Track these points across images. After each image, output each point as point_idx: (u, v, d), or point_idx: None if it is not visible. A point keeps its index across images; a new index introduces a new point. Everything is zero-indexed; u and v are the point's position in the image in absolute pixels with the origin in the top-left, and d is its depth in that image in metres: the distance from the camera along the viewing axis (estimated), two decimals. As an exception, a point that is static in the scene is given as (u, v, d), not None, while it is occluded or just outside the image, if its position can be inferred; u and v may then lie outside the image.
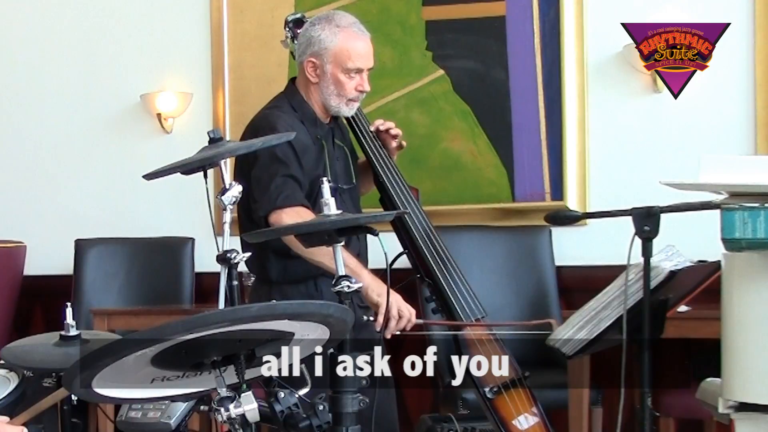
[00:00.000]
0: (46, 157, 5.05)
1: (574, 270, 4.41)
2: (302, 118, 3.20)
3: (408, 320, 3.04)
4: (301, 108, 3.22)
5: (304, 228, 2.50)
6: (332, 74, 3.18)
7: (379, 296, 3.00)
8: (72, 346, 2.70)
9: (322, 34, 3.17)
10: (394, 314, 3.01)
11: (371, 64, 3.24)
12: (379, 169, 3.29)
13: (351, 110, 3.26)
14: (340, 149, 3.30)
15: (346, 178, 3.28)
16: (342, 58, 3.17)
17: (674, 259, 2.53)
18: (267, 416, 2.28)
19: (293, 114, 3.19)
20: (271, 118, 3.17)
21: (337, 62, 3.17)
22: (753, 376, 2.24)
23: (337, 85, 3.19)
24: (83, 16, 5.00)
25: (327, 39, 3.17)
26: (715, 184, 2.30)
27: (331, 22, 3.19)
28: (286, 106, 3.23)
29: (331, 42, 3.17)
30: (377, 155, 3.31)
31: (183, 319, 1.85)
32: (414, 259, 3.24)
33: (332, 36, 3.17)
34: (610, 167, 4.45)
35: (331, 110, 3.24)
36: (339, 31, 3.17)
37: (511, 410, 3.11)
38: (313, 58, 3.18)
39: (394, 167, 3.32)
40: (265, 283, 3.21)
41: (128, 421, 2.63)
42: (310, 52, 3.19)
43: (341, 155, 3.30)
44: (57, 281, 4.86)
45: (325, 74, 3.18)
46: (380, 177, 3.29)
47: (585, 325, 2.55)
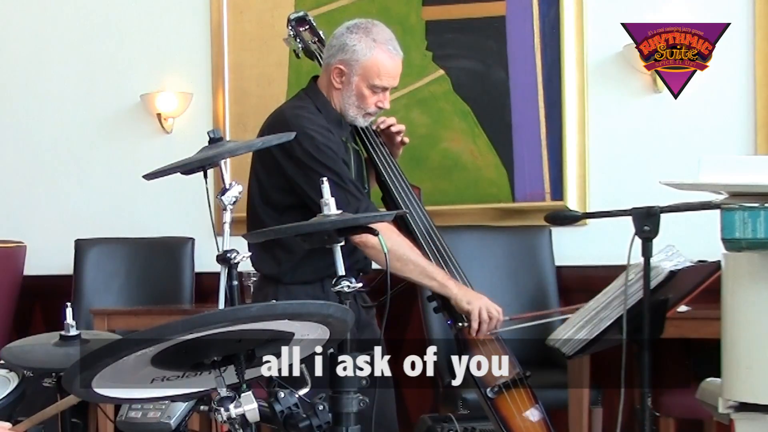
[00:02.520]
0: (46, 157, 5.05)
1: (574, 270, 4.41)
2: (327, 119, 3.18)
3: (498, 320, 3.11)
4: (326, 109, 3.20)
5: (304, 228, 2.50)
6: (357, 86, 3.16)
7: (468, 304, 3.09)
8: (72, 346, 2.70)
9: (358, 45, 3.14)
10: (484, 318, 3.09)
11: (396, 83, 3.23)
12: (381, 168, 3.29)
13: (366, 122, 3.26)
14: (356, 153, 3.30)
15: (361, 182, 3.27)
16: (371, 73, 3.15)
17: (674, 259, 2.53)
18: (267, 416, 2.28)
19: (319, 115, 3.17)
20: (301, 120, 3.11)
21: (365, 76, 3.15)
22: (753, 376, 2.24)
23: (359, 98, 3.17)
24: (83, 16, 5.00)
25: (361, 51, 3.14)
26: (715, 184, 2.30)
27: (369, 35, 3.16)
28: (312, 106, 3.19)
29: (364, 55, 3.14)
30: (379, 154, 3.31)
31: (183, 319, 1.85)
32: None
33: (367, 49, 3.14)
34: (610, 167, 4.45)
35: (348, 119, 3.22)
36: (375, 46, 3.15)
37: (512, 410, 3.11)
38: (341, 65, 3.16)
39: (396, 167, 3.32)
40: (271, 283, 3.20)
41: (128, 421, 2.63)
42: (340, 58, 3.16)
43: (357, 159, 3.29)
44: (57, 281, 4.86)
45: (350, 84, 3.16)
46: (382, 176, 3.29)
47: (585, 325, 2.55)
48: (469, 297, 3.11)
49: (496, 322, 3.11)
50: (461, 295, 3.10)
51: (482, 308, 3.09)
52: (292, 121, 3.10)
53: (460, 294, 3.10)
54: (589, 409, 3.83)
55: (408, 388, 3.35)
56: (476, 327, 3.09)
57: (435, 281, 3.08)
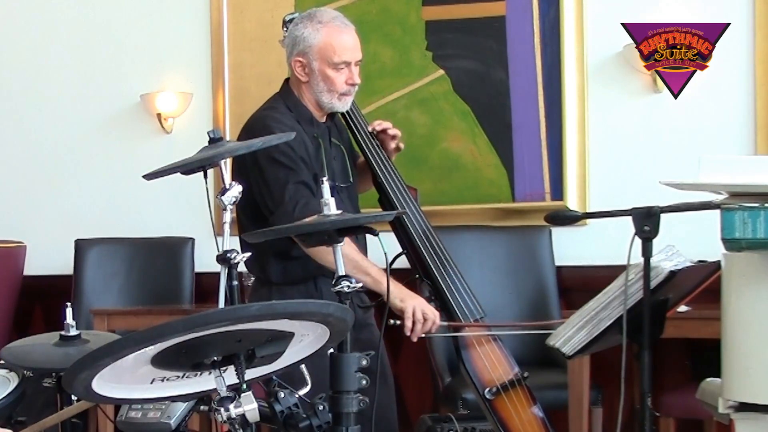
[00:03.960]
0: (46, 157, 5.05)
1: (574, 270, 4.41)
2: (298, 117, 3.19)
3: (433, 322, 3.07)
4: (297, 108, 3.21)
5: (304, 228, 2.50)
6: (320, 71, 3.17)
7: (402, 302, 3.05)
8: (72, 346, 2.70)
9: (305, 31, 3.16)
10: (419, 318, 3.05)
11: (359, 56, 3.22)
12: (378, 169, 3.29)
13: (345, 105, 3.24)
14: (337, 148, 3.29)
15: (344, 177, 3.27)
16: (327, 53, 3.16)
17: (674, 259, 2.53)
18: (267, 416, 2.28)
19: (289, 114, 3.18)
20: (267, 120, 3.15)
21: (323, 58, 3.16)
22: (753, 376, 2.24)
23: (326, 81, 3.18)
24: (83, 16, 5.00)
25: (310, 36, 3.16)
26: (714, 184, 2.30)
27: (313, 19, 3.18)
28: (282, 106, 3.22)
29: (314, 39, 3.15)
30: (375, 156, 3.31)
31: (183, 318, 1.85)
32: (413, 260, 3.24)
33: (315, 33, 3.16)
34: (610, 167, 4.46)
35: (325, 107, 3.22)
36: (321, 27, 3.16)
37: (510, 411, 3.11)
38: (299, 57, 3.18)
39: (392, 168, 3.32)
40: (265, 285, 3.21)
41: (128, 421, 2.63)
42: (296, 52, 3.18)
43: (338, 154, 3.29)
44: (57, 281, 4.86)
45: (314, 72, 3.17)
46: (378, 177, 3.29)
47: (585, 325, 2.55)
48: (403, 295, 3.05)
49: (431, 324, 3.06)
50: (395, 293, 3.04)
51: (416, 307, 3.04)
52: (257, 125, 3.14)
53: (395, 291, 3.04)
54: (589, 409, 3.83)
55: (408, 388, 3.35)
56: (410, 326, 3.04)
57: (369, 276, 3.02)
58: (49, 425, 2.68)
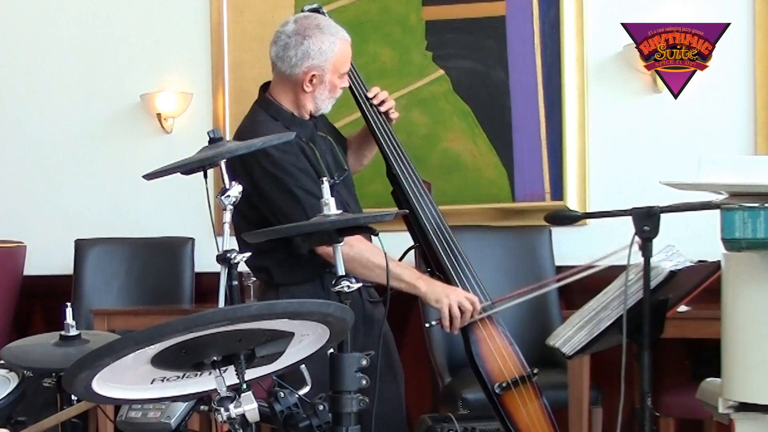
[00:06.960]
0: (46, 157, 5.05)
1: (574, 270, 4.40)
2: (284, 124, 3.18)
3: (472, 311, 3.10)
4: (280, 114, 3.20)
5: (304, 228, 2.50)
6: (330, 81, 3.19)
7: (437, 302, 3.08)
8: (72, 346, 2.70)
9: (322, 45, 3.15)
10: (455, 314, 3.08)
11: None
12: (393, 161, 3.29)
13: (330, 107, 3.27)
14: (324, 140, 3.29)
15: (338, 166, 3.27)
16: (340, 65, 3.19)
17: (674, 259, 2.53)
18: (267, 416, 2.28)
19: (276, 123, 3.17)
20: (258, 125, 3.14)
21: (335, 69, 3.18)
22: (753, 376, 2.24)
23: (332, 90, 3.21)
24: (83, 16, 5.00)
25: (328, 50, 3.15)
26: (714, 184, 2.30)
27: (324, 32, 3.16)
28: (266, 117, 3.20)
29: (332, 52, 3.16)
30: (391, 147, 3.31)
31: (182, 318, 1.85)
32: (426, 253, 3.25)
33: (331, 46, 3.16)
34: (610, 167, 4.45)
35: (318, 112, 3.24)
36: (336, 41, 3.17)
37: (519, 406, 3.11)
38: (314, 71, 3.15)
39: (407, 159, 3.32)
40: (272, 287, 3.21)
41: (128, 421, 2.63)
42: (308, 65, 3.14)
43: (327, 146, 3.29)
44: (57, 281, 4.86)
45: (324, 83, 3.18)
46: (393, 169, 3.29)
47: (585, 325, 2.56)
48: (437, 295, 3.08)
49: (470, 313, 3.09)
50: (430, 294, 3.08)
51: (452, 304, 3.07)
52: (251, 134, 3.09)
53: (429, 292, 3.08)
54: (589, 409, 3.83)
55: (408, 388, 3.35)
56: (447, 325, 3.09)
57: (403, 282, 3.06)
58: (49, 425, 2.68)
